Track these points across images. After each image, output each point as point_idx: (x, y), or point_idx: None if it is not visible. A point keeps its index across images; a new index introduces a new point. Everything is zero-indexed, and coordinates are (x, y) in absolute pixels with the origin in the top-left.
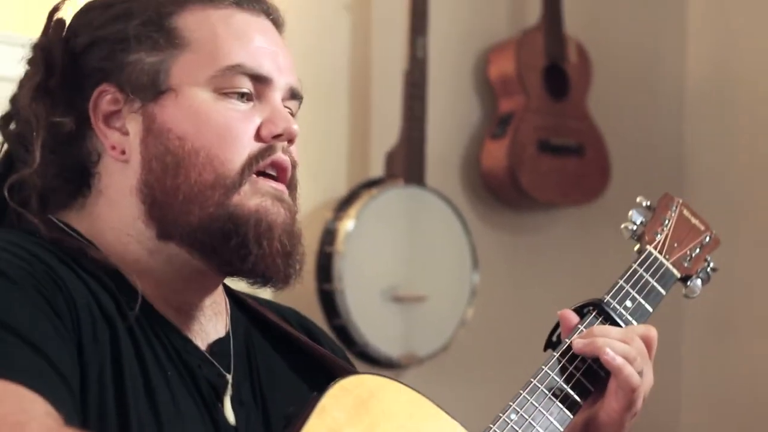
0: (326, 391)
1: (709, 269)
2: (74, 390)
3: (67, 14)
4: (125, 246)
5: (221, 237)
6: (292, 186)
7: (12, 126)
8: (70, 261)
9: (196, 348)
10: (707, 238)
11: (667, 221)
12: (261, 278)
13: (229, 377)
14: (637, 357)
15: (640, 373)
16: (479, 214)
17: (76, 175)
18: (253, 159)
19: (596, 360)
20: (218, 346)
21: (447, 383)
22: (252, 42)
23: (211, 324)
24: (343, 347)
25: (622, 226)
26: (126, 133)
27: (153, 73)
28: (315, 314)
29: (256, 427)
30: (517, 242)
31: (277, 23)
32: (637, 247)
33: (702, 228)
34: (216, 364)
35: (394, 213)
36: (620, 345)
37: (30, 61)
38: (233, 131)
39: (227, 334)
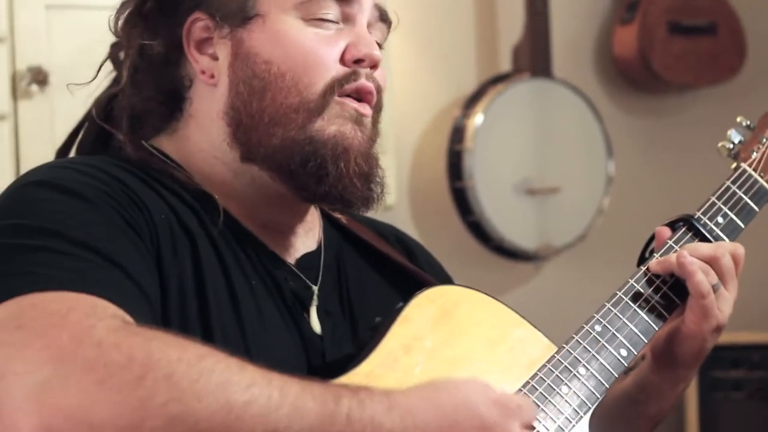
0: (410, 300)
1: None
2: (153, 299)
3: None
4: (212, 167)
5: (300, 160)
6: (377, 109)
7: (120, 53)
8: (154, 182)
9: (282, 261)
10: None
11: (765, 139)
12: (339, 201)
13: (315, 288)
14: (710, 269)
15: (716, 287)
16: (614, 101)
17: (169, 99)
18: (336, 82)
19: None
20: (306, 259)
21: (586, 273)
22: None
23: (300, 240)
24: (479, 243)
25: (719, 144)
26: (216, 59)
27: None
28: (449, 213)
29: (343, 336)
30: (653, 127)
31: None
32: (733, 165)
33: None
34: (302, 276)
35: (523, 106)
36: (698, 253)
37: None
38: (318, 55)
39: (318, 248)
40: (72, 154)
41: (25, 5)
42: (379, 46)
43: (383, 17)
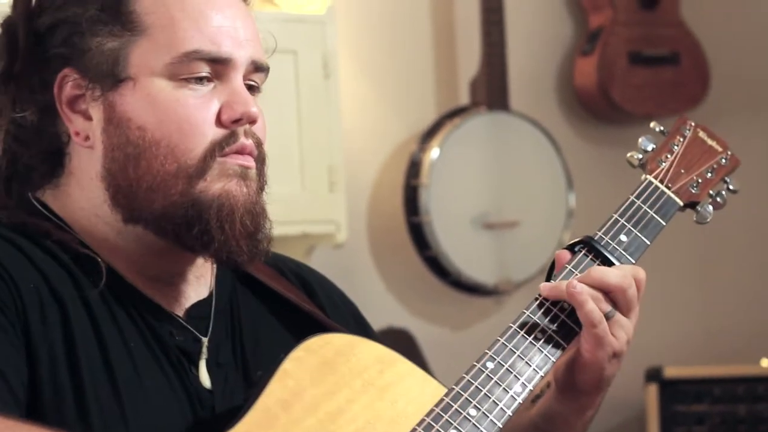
0: (290, 353)
1: (724, 191)
2: (15, 380)
3: None
4: (94, 226)
5: (184, 225)
6: (260, 160)
7: None
8: (30, 245)
9: (168, 316)
10: (723, 159)
11: (675, 146)
12: (225, 261)
13: (205, 340)
14: (601, 296)
15: (610, 314)
16: (575, 133)
17: (50, 155)
18: (216, 145)
19: None
20: (197, 308)
21: None
22: (209, 22)
23: (191, 288)
24: (438, 278)
25: (628, 155)
26: (89, 119)
27: (112, 60)
28: (407, 248)
29: (235, 389)
30: (614, 158)
31: None
32: (642, 176)
33: (719, 149)
34: (190, 328)
35: (479, 140)
36: (591, 279)
37: None
38: (193, 121)
39: (210, 295)
40: None
41: None
42: (257, 89)
43: (259, 67)
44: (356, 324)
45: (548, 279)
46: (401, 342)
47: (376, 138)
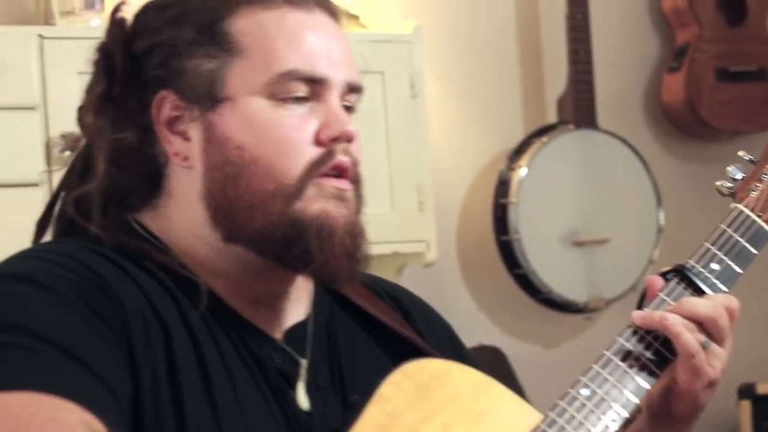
0: (387, 377)
1: None
2: (122, 396)
3: (130, 14)
4: (194, 247)
5: (284, 244)
6: (356, 182)
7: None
8: (133, 266)
9: (268, 338)
10: None
11: (765, 175)
12: (325, 280)
13: (304, 363)
14: (694, 326)
15: (706, 344)
16: (663, 149)
17: (148, 177)
18: (314, 165)
19: None
20: (295, 330)
21: None
22: (305, 43)
23: (290, 309)
24: (528, 296)
25: (718, 183)
26: (188, 139)
27: (210, 81)
28: (497, 266)
29: (333, 412)
30: (703, 175)
31: (333, 14)
32: (731, 205)
33: None
34: (289, 350)
35: (567, 158)
36: (685, 311)
37: (94, 64)
38: (291, 140)
39: (307, 317)
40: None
41: (57, 72)
42: (352, 110)
43: (354, 88)
44: (452, 347)
45: (639, 305)
46: (493, 360)
47: (463, 157)
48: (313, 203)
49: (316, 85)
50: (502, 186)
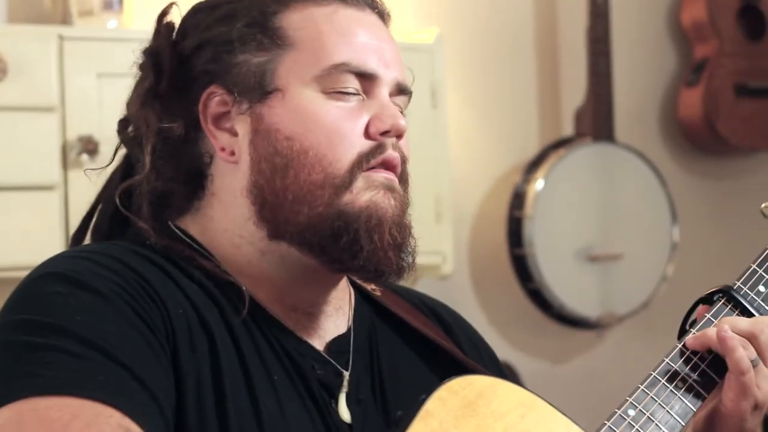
0: (432, 393)
1: None
2: (164, 402)
3: (176, 18)
4: (237, 248)
5: (331, 236)
6: (403, 179)
7: (129, 130)
8: (175, 270)
9: (310, 348)
10: None
11: None
12: (373, 273)
13: (346, 375)
14: (749, 344)
15: (755, 362)
16: (677, 165)
17: (191, 178)
18: (363, 157)
19: None
20: (337, 342)
21: (649, 341)
22: (357, 38)
23: (330, 320)
24: (540, 311)
25: (763, 206)
26: (235, 134)
27: (259, 73)
28: (509, 279)
29: (374, 425)
30: (719, 191)
31: (383, 16)
32: None
33: None
34: (332, 362)
35: (584, 172)
36: (737, 328)
37: (141, 66)
38: (341, 130)
39: (348, 329)
40: (88, 237)
41: (76, 74)
42: (401, 113)
43: (403, 90)
44: (492, 364)
45: (683, 325)
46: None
47: (479, 168)
48: (362, 195)
49: (366, 81)
50: (518, 198)
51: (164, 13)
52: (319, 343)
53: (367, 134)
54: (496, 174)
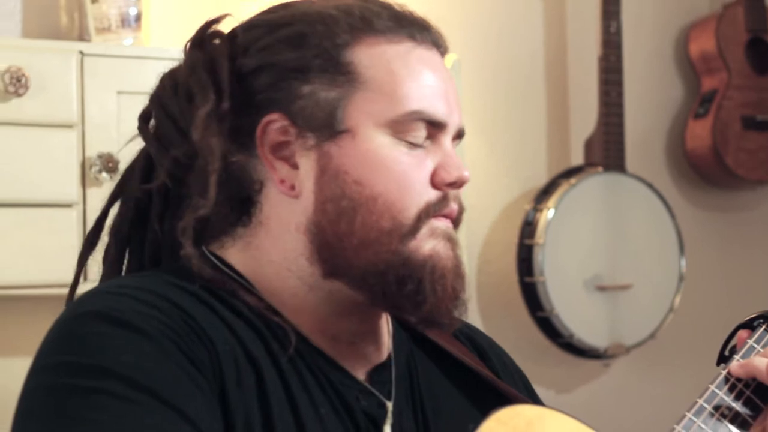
0: (481, 424)
1: None
2: None
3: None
4: (283, 281)
5: (396, 282)
6: (457, 226)
7: (151, 124)
8: (219, 304)
9: (353, 379)
10: None
11: None
12: (429, 324)
13: (390, 405)
14: None
15: None
16: (685, 196)
17: (238, 203)
18: (430, 207)
19: None
20: (378, 372)
21: (656, 372)
22: (428, 83)
23: (371, 349)
24: (548, 339)
25: None
26: (295, 167)
27: (329, 110)
28: (518, 307)
29: None
30: (726, 224)
31: (444, 53)
32: None
33: None
34: (375, 392)
35: (595, 201)
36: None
37: (194, 81)
38: (410, 178)
39: (389, 358)
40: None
41: (96, 91)
42: None
43: (460, 134)
44: (526, 390)
45: (723, 350)
46: None
47: (487, 195)
48: (426, 243)
49: (434, 128)
50: (528, 226)
51: (214, 22)
52: (360, 372)
53: (433, 183)
54: (503, 201)
